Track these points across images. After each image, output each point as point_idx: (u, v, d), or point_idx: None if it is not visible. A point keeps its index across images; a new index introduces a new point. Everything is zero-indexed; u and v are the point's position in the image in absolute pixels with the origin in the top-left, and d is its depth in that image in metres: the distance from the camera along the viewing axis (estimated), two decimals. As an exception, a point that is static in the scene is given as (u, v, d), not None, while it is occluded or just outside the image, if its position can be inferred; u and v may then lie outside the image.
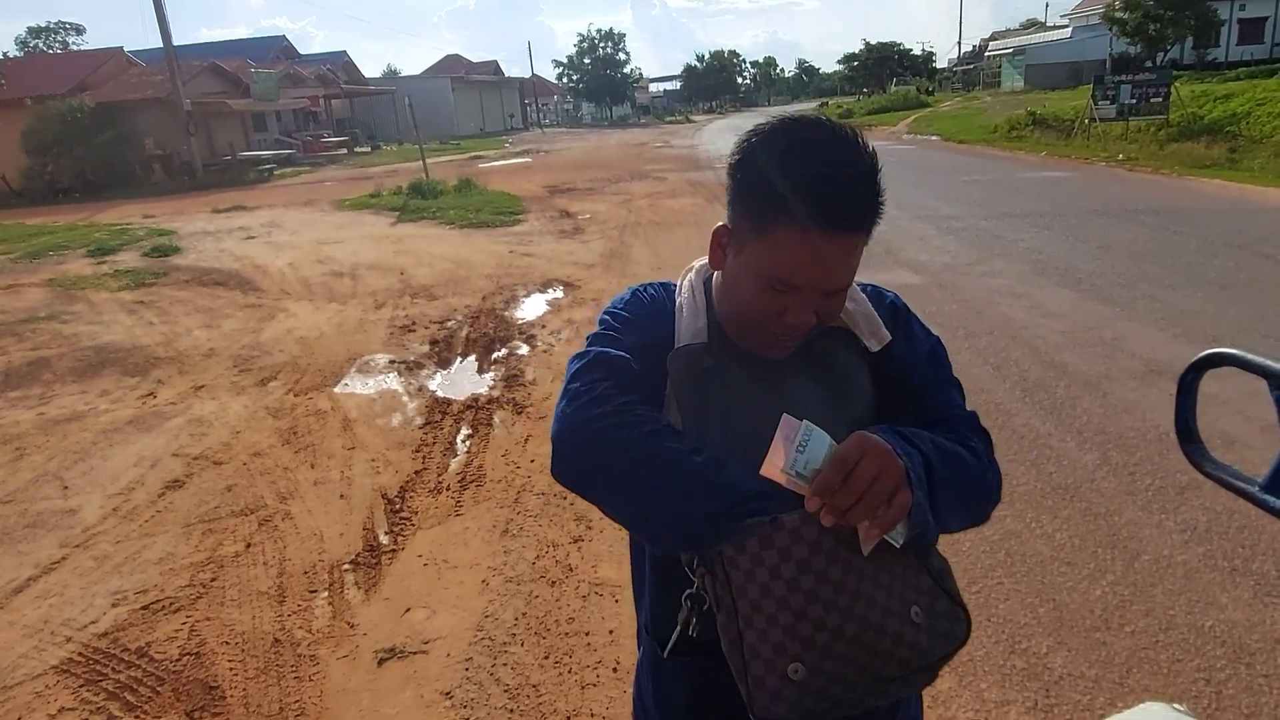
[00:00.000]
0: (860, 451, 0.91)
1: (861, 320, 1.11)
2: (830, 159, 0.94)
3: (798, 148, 0.96)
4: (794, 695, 0.93)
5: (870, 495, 0.90)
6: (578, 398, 1.02)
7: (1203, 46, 33.00)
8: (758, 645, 0.93)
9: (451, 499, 3.98)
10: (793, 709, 0.93)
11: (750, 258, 1.00)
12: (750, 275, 1.00)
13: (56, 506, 4.11)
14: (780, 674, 0.92)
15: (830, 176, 0.93)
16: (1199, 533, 3.29)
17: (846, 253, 0.97)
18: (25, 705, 2.68)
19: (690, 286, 1.14)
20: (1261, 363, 0.89)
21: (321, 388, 5.68)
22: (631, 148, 32.33)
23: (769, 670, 0.93)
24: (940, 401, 1.14)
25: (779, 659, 0.93)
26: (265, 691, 2.70)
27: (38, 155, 23.60)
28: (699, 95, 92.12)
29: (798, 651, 0.93)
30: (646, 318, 1.12)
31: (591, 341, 1.11)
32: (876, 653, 0.95)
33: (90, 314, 8.09)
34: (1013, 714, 2.42)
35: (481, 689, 2.65)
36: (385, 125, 41.10)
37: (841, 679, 0.94)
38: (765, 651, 0.93)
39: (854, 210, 0.95)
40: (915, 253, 9.03)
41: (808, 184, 0.93)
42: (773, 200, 0.95)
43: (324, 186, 21.26)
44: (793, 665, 0.92)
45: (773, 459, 0.91)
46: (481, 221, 13.12)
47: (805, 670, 0.93)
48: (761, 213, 0.97)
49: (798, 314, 0.99)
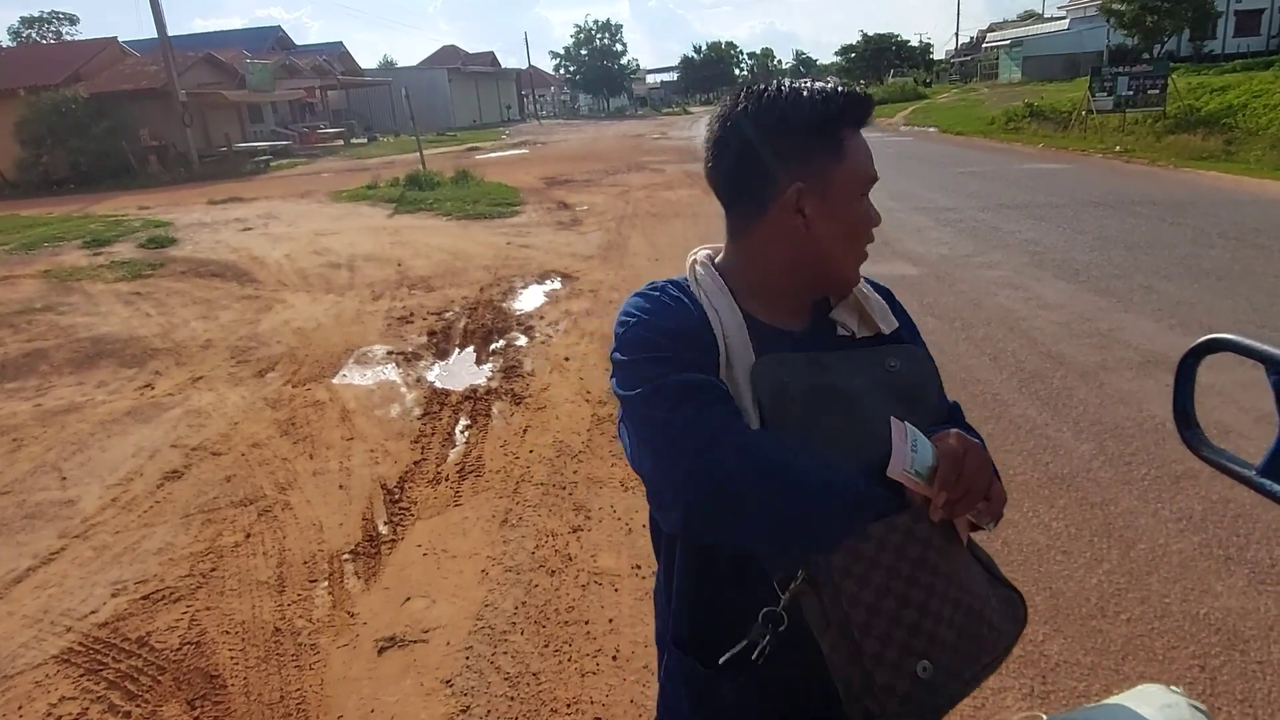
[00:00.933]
0: (964, 447, 0.95)
1: (875, 304, 1.16)
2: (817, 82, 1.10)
3: (782, 90, 1.07)
4: (923, 694, 0.90)
5: (978, 488, 0.95)
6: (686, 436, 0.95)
7: (1200, 38, 32.98)
8: (882, 650, 0.90)
9: (450, 489, 3.99)
10: (920, 711, 0.91)
11: (843, 183, 1.06)
12: (850, 198, 1.07)
13: (55, 497, 4.11)
14: (910, 675, 0.90)
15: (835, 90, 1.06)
16: (1194, 521, 3.32)
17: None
18: (26, 694, 2.69)
19: (710, 278, 1.10)
20: (1259, 348, 0.90)
21: (319, 379, 5.68)
22: (629, 139, 32.26)
23: (896, 675, 0.90)
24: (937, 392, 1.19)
25: (906, 659, 0.90)
26: (266, 680, 2.71)
27: (31, 146, 23.45)
28: (696, 87, 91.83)
29: (923, 648, 0.91)
30: (676, 325, 1.05)
31: (636, 369, 1.01)
32: (979, 639, 0.96)
33: (87, 305, 8.07)
34: (1009, 700, 2.44)
35: (482, 677, 2.67)
36: (382, 116, 40.94)
37: (956, 672, 0.93)
38: (891, 655, 0.90)
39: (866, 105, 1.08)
40: (913, 244, 9.04)
41: (835, 97, 1.05)
42: (829, 122, 1.04)
43: (320, 178, 21.19)
44: (921, 663, 0.90)
45: (896, 460, 0.93)
46: (479, 213, 13.10)
47: (933, 667, 0.91)
48: (826, 141, 1.05)
49: (874, 211, 1.12)
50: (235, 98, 28.88)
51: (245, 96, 29.74)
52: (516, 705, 2.54)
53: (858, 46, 68.80)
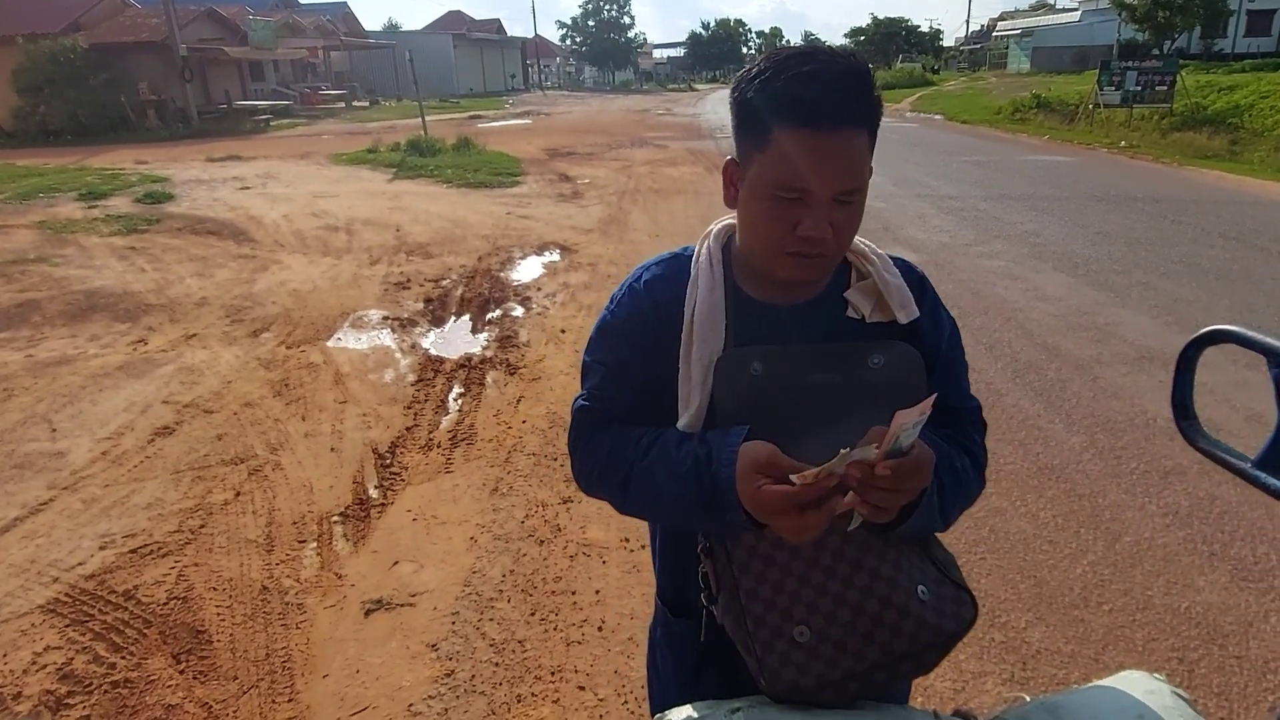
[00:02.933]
0: (928, 460, 0.94)
1: (895, 292, 1.10)
2: (812, 62, 0.96)
3: (782, 62, 0.98)
4: (801, 658, 0.97)
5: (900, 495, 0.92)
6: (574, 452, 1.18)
7: (1210, 36, 32.80)
8: (764, 614, 0.99)
9: (442, 456, 3.99)
10: (802, 673, 0.97)
11: (756, 175, 1.00)
12: (760, 193, 1.00)
13: (44, 449, 4.10)
14: (787, 638, 0.98)
15: (814, 74, 0.94)
16: (1180, 517, 3.34)
17: (844, 150, 0.96)
18: (10, 642, 2.70)
19: (708, 253, 1.11)
20: (1262, 340, 0.90)
21: (314, 341, 5.66)
22: (633, 114, 32.03)
23: (776, 635, 0.98)
24: (955, 388, 1.15)
25: (785, 624, 0.98)
26: (252, 637, 2.72)
27: (29, 95, 23.14)
28: (703, 64, 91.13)
29: (803, 615, 0.98)
30: (634, 327, 1.13)
31: (584, 371, 1.19)
32: (883, 622, 0.98)
33: (81, 258, 8.01)
34: (989, 685, 2.47)
35: (467, 642, 2.68)
36: (384, 80, 40.49)
37: (850, 648, 0.98)
38: (772, 618, 0.98)
39: (842, 103, 0.94)
40: (913, 231, 9.02)
41: (792, 85, 0.94)
42: (765, 111, 0.96)
43: (321, 140, 21.02)
44: (798, 628, 0.97)
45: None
46: (479, 182, 13.02)
47: (811, 633, 0.97)
48: (758, 128, 0.98)
49: (812, 225, 0.97)
50: (237, 54, 28.51)
51: (247, 54, 29.36)
52: (501, 671, 2.56)
53: (867, 30, 68.31)
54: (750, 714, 0.96)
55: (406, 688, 2.49)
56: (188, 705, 2.43)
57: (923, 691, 2.44)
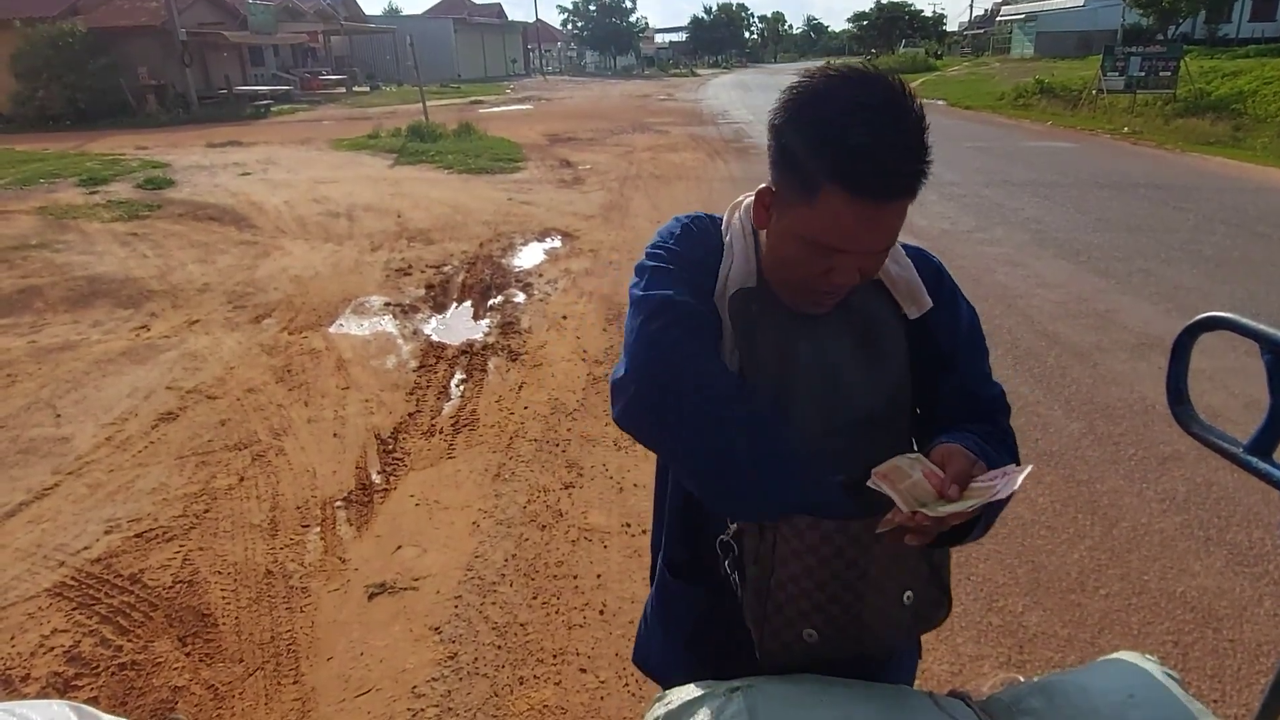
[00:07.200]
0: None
1: (903, 285, 1.10)
2: (879, 124, 0.90)
3: (846, 112, 0.91)
4: (800, 651, 1.04)
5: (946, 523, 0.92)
6: (654, 346, 1.00)
7: (1215, 21, 32.55)
8: (784, 607, 1.03)
9: (444, 442, 4.02)
10: (794, 661, 1.05)
11: (796, 221, 0.98)
12: (795, 239, 0.99)
13: (49, 434, 4.12)
14: (796, 634, 1.03)
15: (878, 142, 0.89)
16: (1177, 502, 3.36)
17: (894, 217, 0.95)
18: (18, 625, 2.73)
19: (741, 225, 1.10)
20: (1255, 327, 0.91)
21: (316, 327, 5.67)
22: (635, 99, 31.88)
23: (787, 628, 1.03)
24: (976, 376, 1.16)
25: (799, 623, 1.03)
26: (257, 620, 2.75)
27: (27, 80, 23.01)
28: (705, 48, 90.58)
29: (819, 622, 1.03)
30: (700, 256, 1.09)
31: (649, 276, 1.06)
32: (871, 630, 1.04)
33: (82, 244, 8.01)
34: (986, 668, 2.50)
35: (470, 626, 2.71)
36: (385, 65, 40.28)
37: (839, 648, 1.05)
38: (790, 613, 1.03)
39: (903, 179, 0.92)
40: (914, 217, 8.95)
41: (856, 153, 0.90)
42: (821, 168, 0.92)
43: (321, 125, 20.94)
44: (809, 630, 1.03)
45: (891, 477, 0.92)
46: (481, 167, 12.98)
47: (818, 637, 1.03)
48: (809, 179, 0.94)
49: (843, 275, 0.98)
50: (236, 39, 28.34)
51: (246, 38, 29.18)
52: (503, 654, 2.58)
53: (871, 14, 67.89)
54: (749, 694, 0.99)
55: (410, 670, 2.52)
56: (194, 687, 2.46)
57: (920, 674, 2.47)
